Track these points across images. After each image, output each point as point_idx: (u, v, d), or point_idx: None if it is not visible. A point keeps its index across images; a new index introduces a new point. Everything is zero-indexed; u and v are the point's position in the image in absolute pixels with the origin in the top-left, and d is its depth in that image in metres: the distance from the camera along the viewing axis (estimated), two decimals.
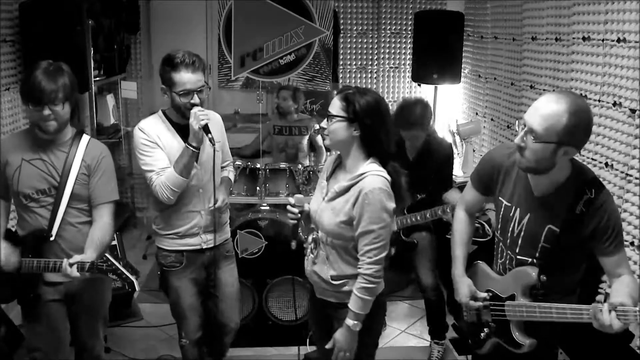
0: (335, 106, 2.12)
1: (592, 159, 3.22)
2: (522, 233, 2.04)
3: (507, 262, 2.13)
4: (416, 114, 3.11)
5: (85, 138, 2.40)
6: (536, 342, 2.04)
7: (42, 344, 2.40)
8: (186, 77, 2.41)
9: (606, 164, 3.11)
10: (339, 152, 2.25)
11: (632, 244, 2.91)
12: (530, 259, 2.04)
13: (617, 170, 3.04)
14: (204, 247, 2.69)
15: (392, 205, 2.10)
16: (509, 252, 2.11)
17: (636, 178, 2.89)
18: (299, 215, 2.28)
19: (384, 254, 2.11)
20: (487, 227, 3.40)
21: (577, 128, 1.79)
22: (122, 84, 4.79)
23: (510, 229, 2.08)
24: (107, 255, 2.25)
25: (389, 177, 2.12)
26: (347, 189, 2.13)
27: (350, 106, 2.08)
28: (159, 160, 2.49)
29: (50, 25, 3.70)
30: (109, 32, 4.71)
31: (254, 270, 3.47)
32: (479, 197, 2.25)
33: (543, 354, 2.13)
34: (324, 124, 2.18)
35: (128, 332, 3.71)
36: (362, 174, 2.10)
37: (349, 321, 2.15)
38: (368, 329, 2.21)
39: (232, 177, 2.90)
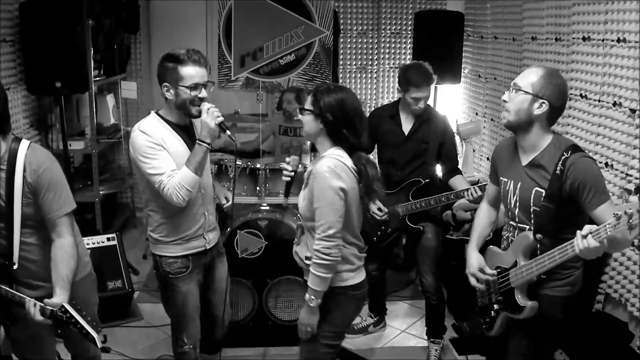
0: (307, 101, 2.33)
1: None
2: (518, 202, 2.24)
3: (511, 234, 2.32)
4: (425, 71, 3.19)
5: (23, 149, 2.13)
6: (537, 304, 2.18)
7: (30, 356, 2.36)
8: (194, 71, 2.40)
9: (606, 164, 3.11)
10: None
11: (632, 244, 2.91)
12: (528, 226, 2.21)
13: (617, 170, 3.04)
14: (207, 247, 2.68)
15: (337, 183, 2.21)
16: (512, 223, 2.30)
17: (636, 178, 2.89)
18: (293, 174, 2.50)
19: (330, 232, 2.22)
20: None
21: (550, 84, 2.11)
22: (122, 84, 4.79)
23: (509, 201, 2.29)
24: (66, 305, 2.07)
25: (346, 162, 2.27)
26: (310, 173, 2.32)
27: (316, 102, 2.29)
28: (168, 163, 2.41)
29: (50, 25, 3.69)
30: (109, 32, 4.71)
31: (254, 270, 3.47)
32: (495, 188, 2.48)
33: (546, 329, 2.25)
34: (299, 116, 2.38)
35: (128, 332, 3.71)
36: (320, 157, 2.31)
37: (306, 295, 2.32)
38: (327, 317, 2.37)
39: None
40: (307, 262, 2.35)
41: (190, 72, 2.39)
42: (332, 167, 2.23)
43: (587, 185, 2.04)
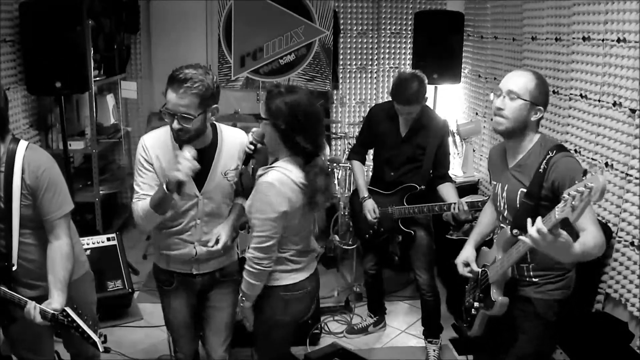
0: (262, 107, 2.22)
1: (592, 159, 3.22)
2: (506, 204, 2.27)
3: None
4: (413, 89, 3.11)
5: (21, 150, 2.12)
6: (507, 300, 2.21)
7: (25, 353, 2.36)
8: (170, 95, 2.16)
9: (606, 164, 3.11)
10: None
11: (632, 244, 2.91)
12: None
13: (617, 170, 3.04)
14: (195, 272, 2.49)
15: (277, 200, 2.14)
16: (502, 225, 2.31)
17: (636, 178, 2.89)
18: (253, 147, 2.34)
19: (264, 245, 2.20)
20: None
21: (542, 91, 2.15)
22: (122, 84, 4.79)
23: (499, 203, 2.32)
24: (68, 310, 2.09)
25: (292, 176, 2.17)
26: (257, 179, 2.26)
27: (268, 108, 2.17)
28: (146, 185, 2.31)
29: (50, 25, 3.69)
30: (109, 32, 4.71)
31: None
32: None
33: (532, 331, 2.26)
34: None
35: (128, 332, 3.71)
36: (268, 168, 2.21)
37: (239, 296, 2.37)
38: (259, 316, 2.40)
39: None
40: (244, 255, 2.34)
41: (167, 95, 2.18)
42: (276, 183, 2.14)
43: (567, 184, 2.04)
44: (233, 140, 2.41)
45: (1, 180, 2.10)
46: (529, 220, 1.87)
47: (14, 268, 2.16)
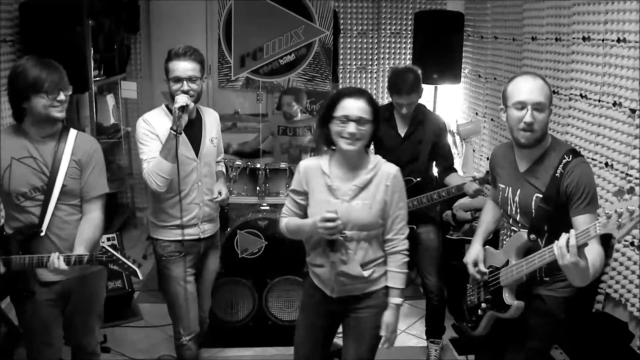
0: (366, 110, 2.20)
1: (592, 159, 3.22)
2: (518, 209, 2.24)
3: None
4: (411, 79, 3.14)
5: (73, 131, 2.38)
6: (523, 304, 2.19)
7: (37, 343, 2.40)
8: (176, 65, 2.57)
9: (606, 164, 3.11)
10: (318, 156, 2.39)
11: (632, 244, 2.91)
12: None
13: (617, 170, 3.04)
14: (202, 236, 2.81)
15: None
16: (513, 228, 2.28)
17: (636, 178, 2.89)
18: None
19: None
20: None
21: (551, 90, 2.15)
22: (122, 84, 4.80)
23: (509, 208, 2.28)
24: (105, 246, 2.23)
25: None
26: (370, 180, 2.26)
27: (374, 108, 2.25)
28: (153, 151, 2.59)
29: (50, 25, 3.70)
30: (109, 32, 4.72)
31: (254, 270, 3.47)
32: (495, 190, 2.47)
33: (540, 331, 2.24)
34: (352, 129, 2.17)
35: (128, 332, 3.71)
36: (376, 163, 2.30)
37: (397, 299, 2.31)
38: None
39: (223, 170, 3.06)
40: (366, 272, 2.27)
41: (174, 67, 2.58)
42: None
43: (581, 190, 2.06)
44: (210, 114, 2.86)
45: (50, 155, 2.27)
46: (564, 234, 1.87)
47: (42, 234, 2.26)
